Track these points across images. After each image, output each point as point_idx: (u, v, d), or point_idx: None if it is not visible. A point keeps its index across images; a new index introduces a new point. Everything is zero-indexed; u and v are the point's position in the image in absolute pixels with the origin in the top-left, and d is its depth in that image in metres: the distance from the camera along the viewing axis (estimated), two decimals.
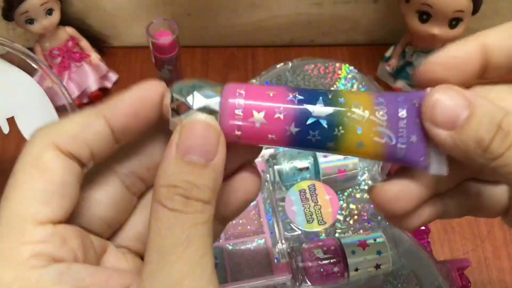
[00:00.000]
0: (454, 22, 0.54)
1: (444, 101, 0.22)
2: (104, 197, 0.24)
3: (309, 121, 0.22)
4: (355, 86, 0.53)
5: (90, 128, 0.22)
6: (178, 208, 0.20)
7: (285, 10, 0.63)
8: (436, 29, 0.55)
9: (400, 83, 0.62)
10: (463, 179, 0.26)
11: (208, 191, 0.21)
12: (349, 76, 0.54)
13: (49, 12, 0.56)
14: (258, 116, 0.22)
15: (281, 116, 0.22)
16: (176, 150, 0.21)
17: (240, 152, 0.24)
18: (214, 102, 0.22)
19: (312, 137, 0.22)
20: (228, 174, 0.25)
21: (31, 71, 0.46)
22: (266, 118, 0.22)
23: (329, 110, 0.22)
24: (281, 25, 0.65)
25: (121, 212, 0.24)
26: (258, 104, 0.22)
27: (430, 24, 0.55)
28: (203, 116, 0.21)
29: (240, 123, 0.22)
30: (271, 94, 0.22)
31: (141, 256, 0.25)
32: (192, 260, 0.20)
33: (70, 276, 0.20)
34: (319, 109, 0.22)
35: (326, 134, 0.22)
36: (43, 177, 0.20)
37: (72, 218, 0.22)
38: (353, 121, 0.22)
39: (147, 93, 0.22)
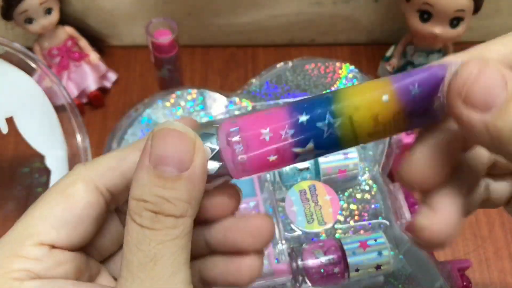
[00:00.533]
0: (455, 21, 0.54)
1: (482, 77, 0.19)
2: (106, 230, 0.24)
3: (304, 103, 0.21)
4: None
5: (127, 160, 0.22)
6: (146, 225, 0.19)
7: (286, 10, 0.63)
8: (437, 29, 0.55)
9: None
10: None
11: (181, 204, 0.20)
12: (350, 75, 0.54)
13: (48, 11, 0.56)
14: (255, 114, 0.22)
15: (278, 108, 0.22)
16: (148, 160, 0.20)
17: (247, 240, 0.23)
18: (211, 133, 0.21)
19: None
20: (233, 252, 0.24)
21: (30, 71, 0.46)
22: (265, 111, 0.22)
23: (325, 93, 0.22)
24: (282, 24, 0.65)
25: (116, 244, 0.25)
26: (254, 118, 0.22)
27: (431, 23, 0.55)
28: (175, 124, 0.20)
29: (236, 127, 0.21)
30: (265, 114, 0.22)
31: None
32: (161, 279, 0.19)
33: None
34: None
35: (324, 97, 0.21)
36: (64, 205, 0.21)
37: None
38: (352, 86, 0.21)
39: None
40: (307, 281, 0.42)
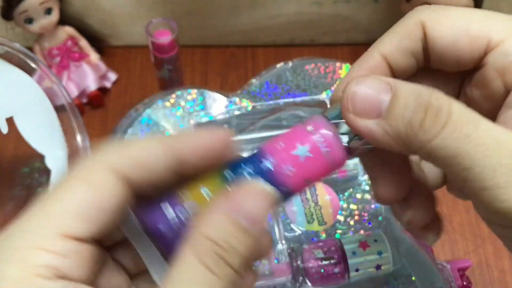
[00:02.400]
0: None
1: (363, 89, 0.20)
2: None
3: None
4: None
5: (151, 152, 0.21)
6: (211, 266, 0.19)
7: (285, 10, 0.63)
8: None
9: None
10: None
11: (241, 259, 0.20)
12: None
13: (48, 11, 0.56)
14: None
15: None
16: (229, 205, 0.20)
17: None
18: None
19: None
20: None
21: (30, 71, 0.46)
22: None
23: None
24: (281, 24, 0.65)
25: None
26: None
27: None
28: (264, 185, 0.21)
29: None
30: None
31: (129, 273, 0.24)
32: None
33: None
34: None
35: None
36: (88, 194, 0.20)
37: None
38: None
39: (216, 135, 0.22)
40: (307, 281, 0.42)
